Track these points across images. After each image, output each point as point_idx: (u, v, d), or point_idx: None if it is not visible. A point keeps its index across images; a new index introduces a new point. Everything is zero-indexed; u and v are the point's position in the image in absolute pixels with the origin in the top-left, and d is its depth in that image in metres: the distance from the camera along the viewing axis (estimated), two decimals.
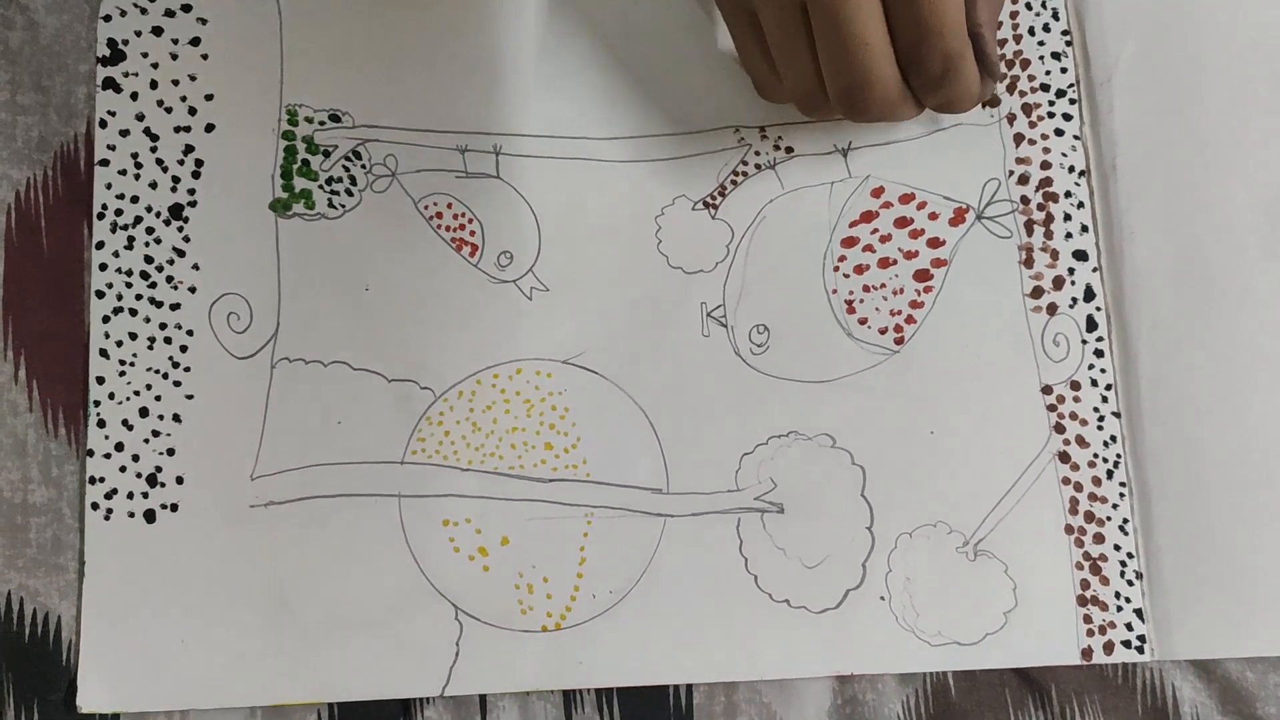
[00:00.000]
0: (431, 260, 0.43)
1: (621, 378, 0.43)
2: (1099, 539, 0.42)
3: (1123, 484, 0.43)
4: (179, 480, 0.42)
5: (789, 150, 0.45)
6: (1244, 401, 0.43)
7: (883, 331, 0.44)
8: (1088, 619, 0.42)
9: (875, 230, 0.44)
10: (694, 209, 0.44)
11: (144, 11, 0.44)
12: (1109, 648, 0.42)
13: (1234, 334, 0.43)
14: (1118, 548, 0.42)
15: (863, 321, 0.44)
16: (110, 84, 0.44)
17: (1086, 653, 0.42)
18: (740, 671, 0.41)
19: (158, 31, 0.44)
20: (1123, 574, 0.42)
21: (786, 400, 0.43)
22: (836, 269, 0.44)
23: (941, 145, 0.45)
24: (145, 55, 0.44)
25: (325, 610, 0.41)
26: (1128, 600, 0.42)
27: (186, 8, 0.44)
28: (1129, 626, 0.42)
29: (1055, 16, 0.46)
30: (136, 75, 0.44)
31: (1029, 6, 0.46)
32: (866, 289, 0.44)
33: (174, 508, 0.42)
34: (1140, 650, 0.42)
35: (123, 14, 0.44)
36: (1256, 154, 0.45)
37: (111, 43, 0.44)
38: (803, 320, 0.44)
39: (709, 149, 0.45)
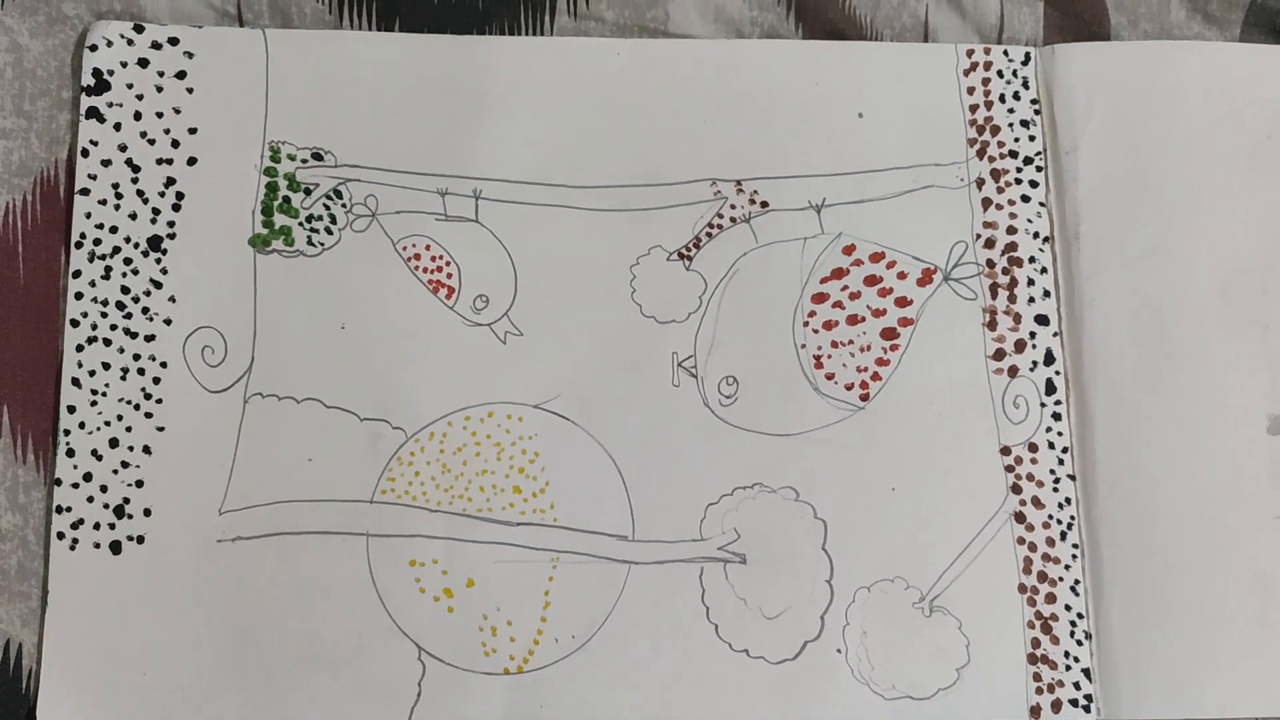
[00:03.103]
0: (408, 301, 0.44)
1: (591, 424, 0.44)
2: (1051, 599, 0.43)
3: (1075, 545, 0.44)
4: (146, 512, 0.42)
5: (764, 205, 0.46)
6: (1197, 469, 0.44)
7: (849, 388, 0.45)
8: (1037, 677, 0.43)
9: (845, 287, 0.45)
10: (669, 259, 0.45)
11: (130, 43, 0.45)
12: (1057, 706, 0.43)
13: (1189, 403, 0.45)
14: (1069, 608, 0.43)
15: (830, 377, 0.45)
16: (94, 113, 0.44)
17: (1035, 710, 0.43)
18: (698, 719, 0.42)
19: (144, 63, 0.45)
20: (1073, 634, 0.43)
21: (752, 452, 0.44)
22: (806, 324, 0.45)
23: (913, 206, 0.46)
24: (130, 86, 0.44)
25: (289, 647, 0.41)
26: (1076, 660, 0.43)
27: (173, 41, 0.45)
28: (1077, 685, 0.43)
29: (1025, 85, 0.47)
30: (120, 105, 0.44)
31: (1000, 74, 0.47)
32: (835, 345, 0.45)
33: (140, 540, 0.42)
34: (1087, 709, 0.43)
35: (109, 44, 0.44)
36: (1215, 228, 0.46)
37: (97, 72, 0.44)
38: (771, 373, 0.45)
39: (685, 200, 0.46)
